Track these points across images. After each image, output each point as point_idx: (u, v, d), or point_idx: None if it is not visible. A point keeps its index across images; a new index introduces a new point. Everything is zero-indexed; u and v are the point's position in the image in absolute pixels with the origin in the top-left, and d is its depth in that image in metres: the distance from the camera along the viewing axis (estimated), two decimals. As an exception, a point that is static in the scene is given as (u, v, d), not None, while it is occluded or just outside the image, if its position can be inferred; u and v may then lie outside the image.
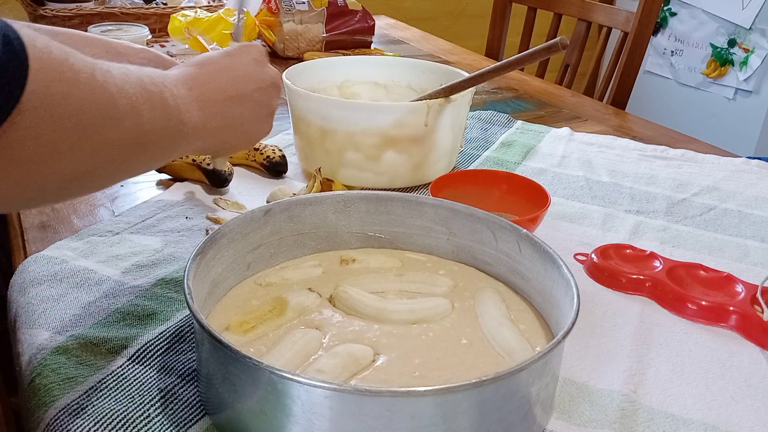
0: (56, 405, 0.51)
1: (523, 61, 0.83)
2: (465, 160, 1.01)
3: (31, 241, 0.75)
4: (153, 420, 0.51)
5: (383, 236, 0.71)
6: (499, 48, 1.85)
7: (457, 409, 0.45)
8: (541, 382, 0.49)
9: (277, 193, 0.85)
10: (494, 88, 1.40)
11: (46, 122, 0.40)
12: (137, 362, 0.56)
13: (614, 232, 0.83)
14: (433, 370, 0.54)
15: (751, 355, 0.63)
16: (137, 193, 0.86)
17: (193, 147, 0.58)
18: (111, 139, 0.46)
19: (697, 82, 2.65)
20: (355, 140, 0.85)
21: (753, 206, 0.91)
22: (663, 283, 0.69)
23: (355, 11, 1.55)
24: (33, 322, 0.60)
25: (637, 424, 0.54)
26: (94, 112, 0.44)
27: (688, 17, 2.64)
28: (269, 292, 0.63)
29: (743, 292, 0.68)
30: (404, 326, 0.59)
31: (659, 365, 0.60)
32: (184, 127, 0.55)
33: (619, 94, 1.51)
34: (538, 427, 0.52)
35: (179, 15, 1.40)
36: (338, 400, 0.44)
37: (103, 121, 0.45)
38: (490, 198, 0.84)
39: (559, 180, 0.96)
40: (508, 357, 0.56)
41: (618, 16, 1.58)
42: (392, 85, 1.04)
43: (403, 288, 0.64)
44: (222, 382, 0.49)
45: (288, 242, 0.68)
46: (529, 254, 0.62)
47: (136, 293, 0.65)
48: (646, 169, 1.01)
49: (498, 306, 0.62)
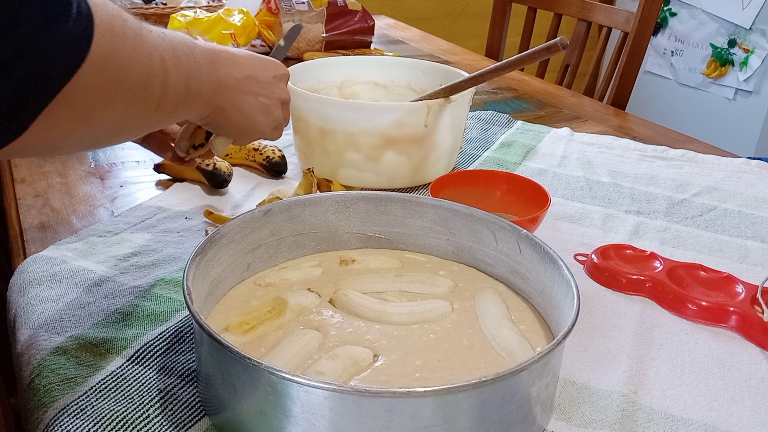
0: (56, 405, 0.51)
1: (523, 61, 0.82)
2: (465, 160, 1.01)
3: (30, 241, 0.75)
4: (152, 420, 0.51)
5: (383, 237, 0.71)
6: (499, 48, 1.85)
7: (457, 410, 0.45)
8: (541, 383, 0.49)
9: (276, 193, 0.85)
10: (494, 89, 1.40)
11: (101, 74, 0.43)
12: (137, 363, 0.56)
13: (614, 233, 0.83)
14: (434, 371, 0.54)
15: (751, 356, 0.63)
16: (137, 193, 0.86)
17: (196, 113, 0.60)
18: (141, 95, 0.49)
19: (697, 82, 2.65)
20: (355, 140, 0.85)
21: (753, 207, 0.91)
22: (663, 283, 0.69)
23: (354, 11, 1.55)
24: (32, 322, 0.60)
25: (637, 424, 0.54)
26: (134, 69, 0.47)
27: (688, 17, 2.64)
28: (269, 293, 0.63)
29: (743, 293, 0.68)
30: (405, 327, 0.59)
31: (659, 366, 0.60)
32: (197, 96, 0.57)
33: (619, 95, 1.51)
34: (538, 428, 0.52)
35: (179, 15, 1.40)
36: (338, 401, 0.44)
37: (139, 78, 0.48)
38: (490, 198, 0.84)
39: (559, 180, 0.96)
40: (508, 357, 0.56)
41: (618, 16, 1.57)
42: (392, 85, 1.04)
43: (403, 288, 0.64)
44: (221, 383, 0.48)
45: (288, 243, 0.68)
46: (529, 255, 0.62)
47: (135, 294, 0.65)
48: (646, 169, 1.01)
49: (498, 306, 0.62)
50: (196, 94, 0.57)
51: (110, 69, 0.44)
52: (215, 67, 0.59)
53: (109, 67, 0.44)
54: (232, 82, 0.61)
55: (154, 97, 0.50)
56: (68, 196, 0.85)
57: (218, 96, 0.60)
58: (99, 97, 0.44)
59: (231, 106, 0.62)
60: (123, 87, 0.46)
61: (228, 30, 1.40)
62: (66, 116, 0.43)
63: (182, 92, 0.54)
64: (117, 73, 0.45)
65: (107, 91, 0.45)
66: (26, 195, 0.84)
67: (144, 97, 0.49)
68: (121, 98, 0.47)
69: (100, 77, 0.43)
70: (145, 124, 0.54)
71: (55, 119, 0.42)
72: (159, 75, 0.50)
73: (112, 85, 0.45)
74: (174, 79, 0.52)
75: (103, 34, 0.43)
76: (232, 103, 0.62)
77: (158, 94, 0.51)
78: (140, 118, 0.51)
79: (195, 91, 0.56)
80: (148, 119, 0.53)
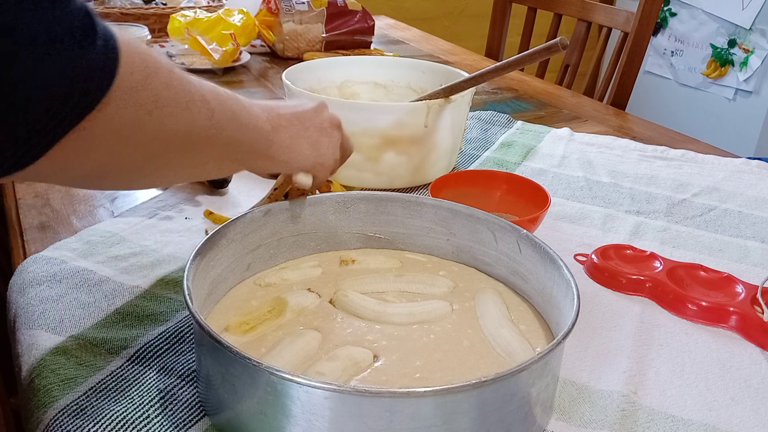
0: (56, 406, 0.51)
1: (523, 62, 0.82)
2: (465, 160, 1.01)
3: (30, 241, 0.75)
4: (152, 421, 0.51)
5: (383, 237, 0.71)
6: (499, 48, 1.85)
7: (457, 410, 0.45)
8: (542, 383, 0.49)
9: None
10: (494, 89, 1.40)
11: (127, 108, 0.41)
12: (137, 363, 0.56)
13: (614, 233, 0.83)
14: (434, 372, 0.54)
15: (751, 356, 0.63)
16: (136, 193, 0.86)
17: (266, 157, 0.59)
18: (176, 129, 0.46)
19: (697, 82, 2.65)
20: (355, 141, 0.84)
21: (753, 207, 0.91)
22: (663, 283, 0.69)
23: (354, 11, 1.55)
24: (32, 322, 0.60)
25: (637, 425, 0.54)
26: (169, 100, 0.45)
27: (688, 17, 2.64)
28: (269, 293, 0.63)
29: (743, 293, 0.68)
30: (405, 327, 0.59)
31: (659, 366, 0.60)
32: (259, 133, 0.56)
33: (619, 95, 1.51)
34: (538, 428, 0.52)
35: (179, 15, 1.40)
36: (338, 401, 0.44)
37: (176, 110, 0.45)
38: (490, 198, 0.84)
39: (559, 180, 0.96)
40: (508, 358, 0.56)
41: (618, 17, 1.58)
42: (392, 85, 1.04)
43: (403, 289, 0.64)
44: (221, 383, 0.48)
45: (288, 243, 0.68)
46: (529, 255, 0.62)
47: (135, 294, 0.65)
48: (646, 169, 1.01)
49: (498, 307, 0.62)
50: (262, 129, 0.56)
51: (137, 101, 0.42)
52: (261, 109, 0.57)
53: (136, 100, 0.42)
54: (283, 126, 0.60)
55: (196, 132, 0.48)
56: (68, 196, 0.85)
57: (279, 133, 0.59)
58: (119, 129, 0.42)
59: (289, 149, 0.61)
60: (149, 121, 0.44)
61: (228, 30, 1.40)
62: (98, 141, 0.41)
63: (233, 128, 0.52)
64: (144, 105, 0.43)
65: (130, 125, 0.42)
66: (26, 195, 0.84)
67: (179, 131, 0.47)
68: (151, 133, 0.44)
69: (125, 111, 0.41)
70: (191, 165, 0.52)
71: (86, 145, 0.40)
72: (199, 109, 0.48)
73: (136, 118, 0.42)
74: (219, 115, 0.50)
75: (130, 64, 0.40)
76: (289, 147, 0.61)
77: (202, 129, 0.48)
78: (179, 156, 0.49)
79: (258, 127, 0.55)
80: (192, 158, 0.50)
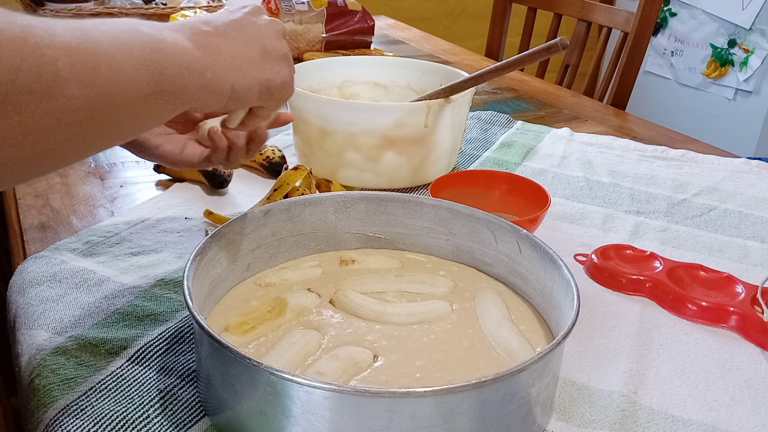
0: (56, 406, 0.51)
1: (523, 62, 0.82)
2: (465, 160, 1.01)
3: (30, 241, 0.75)
4: (152, 421, 0.51)
5: (383, 237, 0.71)
6: (499, 48, 1.85)
7: (457, 410, 0.45)
8: (541, 383, 0.49)
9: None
10: (494, 89, 1.40)
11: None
12: (137, 363, 0.56)
13: (614, 233, 0.83)
14: (434, 372, 0.54)
15: (751, 356, 0.63)
16: (136, 194, 0.86)
17: (200, 82, 0.48)
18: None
19: (697, 82, 2.65)
20: (355, 141, 0.85)
21: (753, 207, 0.91)
22: (663, 283, 0.69)
23: (354, 11, 1.55)
24: (32, 322, 0.60)
25: (637, 425, 0.54)
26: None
27: (688, 17, 2.64)
28: (269, 293, 0.63)
29: (743, 293, 0.68)
30: (405, 327, 0.59)
31: (659, 366, 0.60)
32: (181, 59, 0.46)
33: (619, 95, 1.51)
34: (538, 428, 0.52)
35: (179, 15, 1.40)
36: (338, 401, 0.44)
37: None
38: (490, 198, 0.84)
39: (559, 180, 0.96)
40: (508, 358, 0.56)
41: (618, 17, 1.58)
42: (392, 85, 1.04)
43: (402, 289, 0.64)
44: (221, 383, 0.48)
45: (288, 243, 0.68)
46: (529, 255, 0.62)
47: (135, 294, 0.65)
48: (646, 169, 1.01)
49: (498, 307, 0.62)
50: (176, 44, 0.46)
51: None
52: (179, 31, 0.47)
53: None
54: (208, 40, 0.49)
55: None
56: (68, 196, 0.85)
57: (203, 48, 0.48)
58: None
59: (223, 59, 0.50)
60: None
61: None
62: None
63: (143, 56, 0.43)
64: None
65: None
66: (26, 195, 0.84)
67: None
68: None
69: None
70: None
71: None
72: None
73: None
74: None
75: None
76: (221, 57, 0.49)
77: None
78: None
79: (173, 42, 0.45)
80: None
